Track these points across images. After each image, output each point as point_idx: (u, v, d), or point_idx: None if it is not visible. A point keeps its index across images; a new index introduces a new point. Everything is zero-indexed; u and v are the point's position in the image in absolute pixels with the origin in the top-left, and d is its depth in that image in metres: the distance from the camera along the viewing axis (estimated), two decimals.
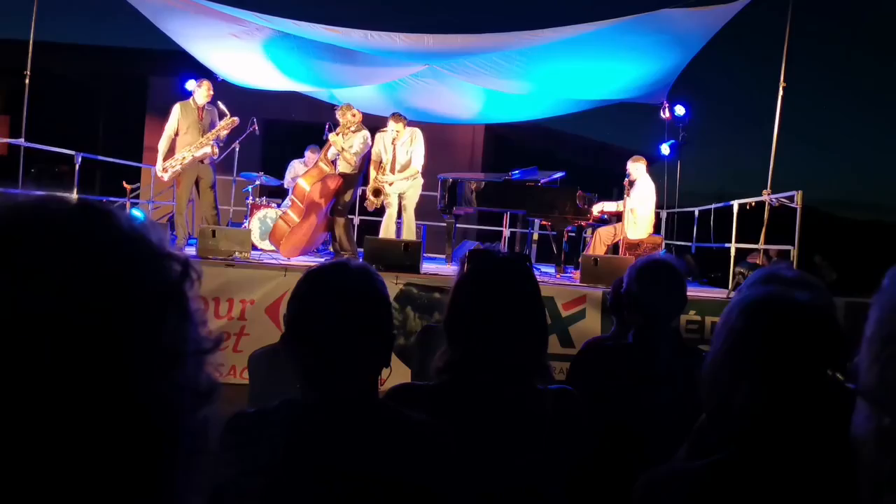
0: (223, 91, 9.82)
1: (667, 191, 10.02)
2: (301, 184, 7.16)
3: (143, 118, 13.08)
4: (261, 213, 8.17)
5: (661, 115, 9.60)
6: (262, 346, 3.26)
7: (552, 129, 14.84)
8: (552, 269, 7.68)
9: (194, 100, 7.61)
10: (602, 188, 8.62)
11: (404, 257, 6.27)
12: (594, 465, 1.99)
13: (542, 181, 7.90)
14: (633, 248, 7.43)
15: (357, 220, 9.53)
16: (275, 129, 11.82)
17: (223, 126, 7.61)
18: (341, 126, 7.27)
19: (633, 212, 7.49)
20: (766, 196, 6.81)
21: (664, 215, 9.75)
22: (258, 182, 8.98)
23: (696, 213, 9.07)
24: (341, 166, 7.37)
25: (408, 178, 7.48)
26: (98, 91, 14.39)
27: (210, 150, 7.51)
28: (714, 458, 1.20)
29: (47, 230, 0.52)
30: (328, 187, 7.16)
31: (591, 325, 5.83)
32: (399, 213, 7.54)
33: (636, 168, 7.73)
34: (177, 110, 7.57)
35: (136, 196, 9.91)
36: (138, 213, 8.73)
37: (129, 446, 0.51)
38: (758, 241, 7.00)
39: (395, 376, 1.87)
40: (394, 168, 7.43)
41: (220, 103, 7.71)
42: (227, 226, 8.19)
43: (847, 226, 31.02)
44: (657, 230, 8.44)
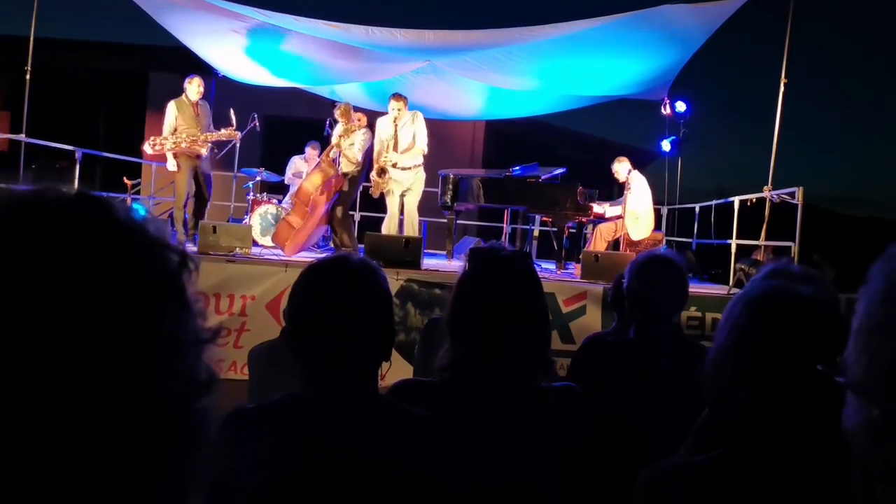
0: (224, 87, 9.83)
1: (668, 187, 10.02)
2: (304, 186, 7.13)
3: (144, 114, 13.07)
4: (261, 210, 8.16)
5: (662, 111, 9.59)
6: (262, 342, 3.25)
7: (553, 126, 14.83)
8: (553, 266, 7.67)
9: (187, 96, 7.68)
10: (603, 184, 8.62)
11: (405, 253, 6.27)
12: (595, 460, 1.99)
13: (543, 177, 7.90)
14: (634, 244, 7.44)
15: (358, 216, 9.52)
16: (275, 125, 11.81)
17: (223, 134, 7.68)
18: (342, 127, 7.26)
19: (634, 213, 7.51)
20: (767, 192, 6.81)
21: (665, 212, 9.75)
22: (259, 178, 8.98)
23: (697, 209, 9.06)
24: (344, 165, 7.36)
25: (411, 168, 7.36)
26: (98, 87, 14.39)
27: (205, 151, 7.61)
28: (716, 452, 1.20)
29: (45, 220, 0.52)
30: (331, 189, 7.15)
31: (592, 321, 5.82)
32: (401, 210, 7.52)
33: (622, 168, 7.81)
34: (172, 108, 7.64)
35: (137, 192, 9.92)
36: (139, 208, 8.74)
37: (129, 436, 0.51)
38: (759, 238, 7.00)
39: (395, 372, 1.87)
40: (396, 148, 7.34)
41: (233, 113, 7.80)
42: (228, 222, 8.20)
43: (846, 222, 31.01)
44: (658, 227, 8.44)
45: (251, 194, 8.68)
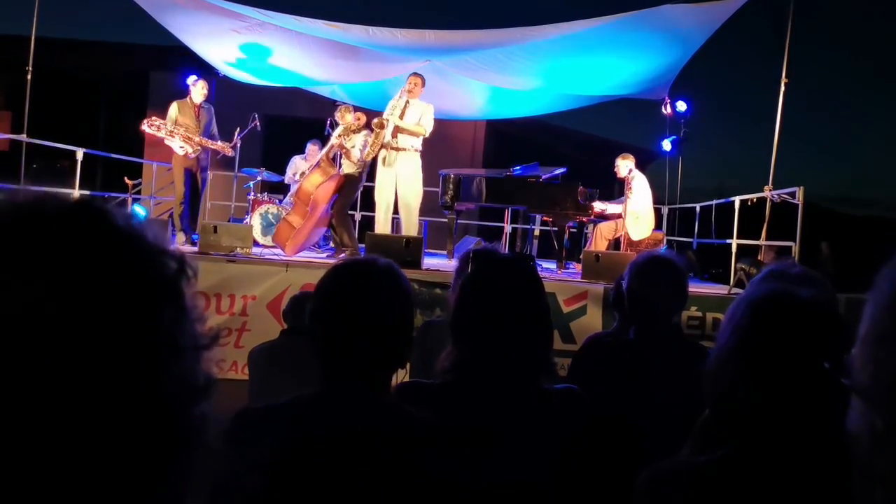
0: (224, 87, 9.83)
1: (668, 187, 10.01)
2: (304, 186, 7.12)
3: (144, 114, 13.06)
4: (262, 209, 8.17)
5: (663, 111, 9.58)
6: (262, 342, 3.25)
7: (554, 125, 14.83)
8: (553, 265, 7.67)
9: (191, 98, 7.72)
10: (603, 184, 8.61)
11: (405, 253, 6.26)
12: (595, 460, 1.99)
13: (544, 177, 7.90)
14: (634, 244, 7.43)
15: (358, 216, 9.52)
16: (276, 125, 11.82)
17: (217, 145, 7.77)
18: (343, 128, 7.25)
19: (634, 212, 7.51)
20: (768, 192, 6.80)
21: (665, 211, 9.74)
22: (259, 178, 8.98)
23: (698, 209, 9.06)
24: (345, 166, 7.35)
25: (407, 149, 7.23)
26: (99, 86, 14.40)
27: (194, 153, 7.66)
28: (717, 453, 1.20)
29: (44, 229, 0.52)
30: (332, 188, 7.13)
31: (593, 321, 5.82)
32: (395, 209, 7.47)
33: (624, 165, 7.79)
34: (174, 108, 7.70)
35: (138, 191, 9.91)
36: (140, 210, 8.74)
37: (128, 439, 0.51)
38: (759, 238, 6.99)
39: None
40: (402, 116, 7.25)
41: (238, 133, 7.93)
42: (229, 221, 8.20)
43: (847, 221, 31.01)
44: (658, 226, 8.43)
45: (252, 194, 8.69)
